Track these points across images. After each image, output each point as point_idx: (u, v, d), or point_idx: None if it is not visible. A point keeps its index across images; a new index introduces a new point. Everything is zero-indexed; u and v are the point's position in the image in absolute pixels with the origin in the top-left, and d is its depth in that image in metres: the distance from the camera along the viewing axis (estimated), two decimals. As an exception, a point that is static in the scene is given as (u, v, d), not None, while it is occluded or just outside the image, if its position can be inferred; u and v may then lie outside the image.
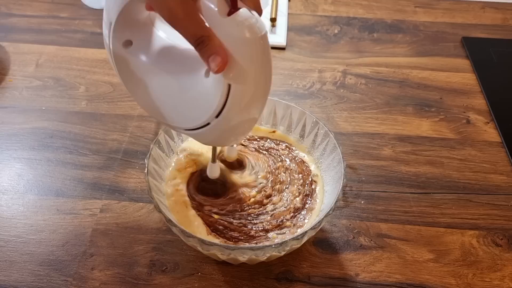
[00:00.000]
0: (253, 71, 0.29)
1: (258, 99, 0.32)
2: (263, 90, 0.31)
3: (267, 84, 0.31)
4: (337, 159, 0.40)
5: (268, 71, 0.30)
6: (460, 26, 0.72)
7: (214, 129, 0.33)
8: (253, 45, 0.28)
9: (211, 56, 0.28)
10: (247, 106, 0.31)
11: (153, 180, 0.40)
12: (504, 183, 0.49)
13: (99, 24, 0.70)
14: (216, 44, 0.28)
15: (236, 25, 0.28)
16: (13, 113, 0.56)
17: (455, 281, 0.41)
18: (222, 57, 0.28)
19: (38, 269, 0.41)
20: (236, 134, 0.35)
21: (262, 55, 0.29)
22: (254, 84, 0.30)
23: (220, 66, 0.28)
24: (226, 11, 0.28)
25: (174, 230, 0.36)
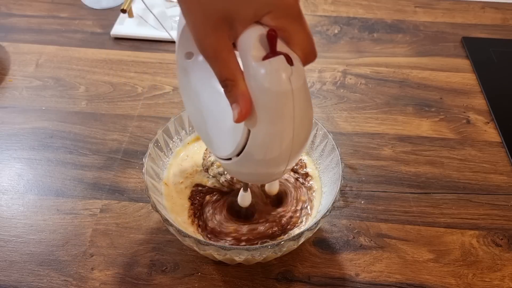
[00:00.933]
0: (277, 124, 0.27)
1: (282, 152, 0.29)
2: (289, 145, 0.28)
3: (297, 140, 0.28)
4: (336, 160, 0.40)
5: (298, 127, 0.28)
6: (460, 26, 0.72)
7: (236, 166, 0.32)
8: (278, 98, 0.26)
9: (233, 103, 0.26)
10: (267, 156, 0.29)
11: (151, 180, 0.40)
12: (504, 183, 0.49)
13: (99, 24, 0.70)
14: (239, 92, 0.26)
15: (265, 73, 0.25)
16: (13, 113, 0.56)
17: (455, 281, 0.41)
18: (243, 108, 0.26)
19: (38, 269, 0.41)
20: (260, 178, 0.33)
21: (289, 110, 0.26)
22: (277, 137, 0.28)
23: (239, 118, 0.26)
24: (261, 55, 0.25)
25: (171, 229, 0.36)
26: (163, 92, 0.59)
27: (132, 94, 0.59)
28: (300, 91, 0.26)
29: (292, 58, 0.26)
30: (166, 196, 0.42)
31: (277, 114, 0.27)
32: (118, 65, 0.63)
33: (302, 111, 0.27)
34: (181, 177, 0.43)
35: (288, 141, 0.28)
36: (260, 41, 0.26)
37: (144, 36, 0.67)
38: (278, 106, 0.26)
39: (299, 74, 0.26)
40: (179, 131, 0.45)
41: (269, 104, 0.26)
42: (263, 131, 0.27)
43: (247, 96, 0.26)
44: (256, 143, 0.28)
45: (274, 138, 0.28)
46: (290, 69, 0.26)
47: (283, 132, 0.28)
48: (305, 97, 0.27)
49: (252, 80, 0.26)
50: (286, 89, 0.26)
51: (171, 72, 0.62)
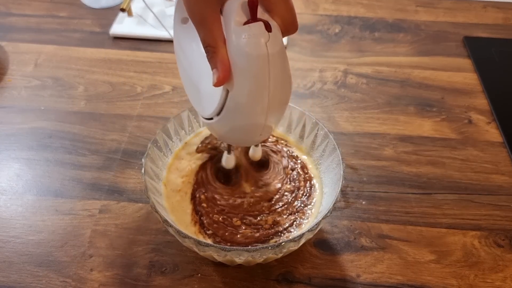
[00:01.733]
0: (252, 86, 0.29)
1: (258, 113, 0.31)
2: (264, 106, 0.30)
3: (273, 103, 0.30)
4: (336, 160, 0.40)
5: (274, 90, 0.30)
6: (462, 26, 0.72)
7: (217, 126, 0.34)
8: (254, 61, 0.28)
9: (213, 69, 0.29)
10: (243, 116, 0.31)
11: (150, 180, 0.39)
12: (506, 183, 0.49)
13: (98, 23, 0.70)
14: (219, 58, 0.28)
15: (243, 37, 0.27)
16: (12, 113, 0.56)
17: (457, 282, 0.41)
18: (221, 74, 0.28)
19: (37, 270, 0.41)
20: (239, 139, 0.35)
21: (264, 73, 0.28)
22: (253, 99, 0.30)
23: (217, 81, 0.28)
24: (243, 21, 0.28)
25: (171, 230, 0.35)
26: (163, 92, 0.59)
27: (131, 94, 0.59)
28: (275, 57, 0.28)
29: (271, 25, 0.28)
30: (166, 196, 0.41)
31: (253, 76, 0.29)
32: (117, 64, 0.63)
33: (277, 76, 0.29)
34: (180, 177, 0.43)
35: (263, 102, 0.30)
36: (242, 8, 0.28)
37: (144, 36, 0.67)
38: (254, 69, 0.28)
39: (276, 40, 0.28)
40: (179, 131, 0.45)
41: (246, 67, 0.28)
42: (239, 92, 0.29)
43: (226, 63, 0.28)
44: (233, 103, 0.30)
45: (250, 99, 0.30)
46: (268, 35, 0.28)
47: (258, 94, 0.30)
48: (281, 63, 0.29)
49: (232, 43, 0.28)
50: (263, 53, 0.28)
51: (171, 71, 0.62)
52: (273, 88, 0.29)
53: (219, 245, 0.34)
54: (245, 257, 0.35)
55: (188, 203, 0.41)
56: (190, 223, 0.40)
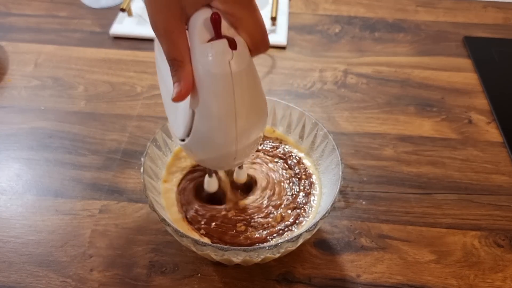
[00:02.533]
0: (217, 106, 0.28)
1: (226, 135, 0.30)
2: (232, 128, 0.29)
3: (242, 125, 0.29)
4: (336, 161, 0.40)
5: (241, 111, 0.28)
6: (462, 26, 0.72)
7: (189, 148, 0.33)
8: (216, 80, 0.27)
9: (175, 82, 0.27)
10: (212, 137, 0.30)
11: (149, 179, 0.39)
12: (506, 183, 0.49)
13: (98, 23, 0.70)
14: (184, 73, 0.27)
15: (205, 56, 0.26)
16: (12, 113, 0.56)
17: (457, 282, 0.41)
18: (183, 89, 0.27)
19: (37, 270, 0.41)
20: (215, 161, 0.34)
21: (229, 93, 0.27)
22: (219, 120, 0.29)
23: (176, 96, 0.27)
24: (207, 38, 0.26)
25: (169, 229, 0.35)
26: (163, 92, 0.59)
27: (131, 94, 0.59)
28: (241, 76, 0.27)
29: (237, 43, 0.27)
30: (165, 195, 0.41)
31: (216, 96, 0.28)
32: (117, 64, 0.63)
33: (244, 95, 0.28)
34: (180, 177, 0.43)
35: (230, 123, 0.29)
36: (207, 23, 0.26)
37: (144, 35, 0.67)
38: (217, 88, 0.27)
39: (241, 59, 0.27)
40: (179, 131, 0.45)
41: (209, 86, 0.27)
42: (204, 112, 0.29)
43: (189, 77, 0.27)
44: (200, 124, 0.29)
45: (215, 120, 0.29)
46: (231, 53, 0.26)
47: (224, 114, 0.28)
48: (247, 82, 0.28)
49: (195, 61, 0.27)
50: (225, 72, 0.27)
51: (171, 71, 0.62)
52: (240, 108, 0.28)
53: (216, 245, 0.34)
54: (243, 257, 0.35)
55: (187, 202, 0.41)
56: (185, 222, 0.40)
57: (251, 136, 0.31)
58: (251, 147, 0.33)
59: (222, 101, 0.28)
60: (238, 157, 0.32)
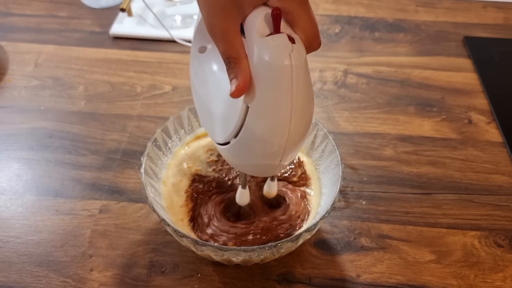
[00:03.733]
0: (275, 98, 0.27)
1: (279, 132, 0.29)
2: (286, 124, 0.28)
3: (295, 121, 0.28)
4: (336, 161, 0.40)
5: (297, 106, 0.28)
6: (462, 26, 0.72)
7: (233, 150, 0.32)
8: (277, 72, 0.27)
9: (233, 79, 0.28)
10: (264, 134, 0.29)
11: (149, 179, 0.39)
12: (506, 183, 0.49)
13: (98, 23, 0.70)
14: (240, 68, 0.27)
15: (266, 48, 0.26)
16: (12, 113, 0.56)
17: (457, 282, 0.41)
18: (241, 83, 0.27)
19: (37, 270, 0.41)
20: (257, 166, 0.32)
21: (288, 85, 0.27)
22: (274, 114, 0.28)
23: (235, 91, 0.27)
24: (266, 33, 0.27)
25: (168, 229, 0.35)
26: (163, 92, 0.59)
27: (131, 94, 0.59)
28: (299, 69, 0.27)
29: (294, 38, 0.27)
30: (165, 196, 0.41)
31: (276, 88, 0.27)
32: (117, 64, 0.63)
33: (300, 90, 0.28)
34: (179, 177, 0.43)
35: (285, 120, 0.28)
36: (265, 20, 0.27)
37: (144, 36, 0.67)
38: (277, 80, 0.27)
39: (300, 53, 0.27)
40: (178, 130, 0.45)
41: (268, 78, 0.27)
42: (260, 107, 0.28)
43: (247, 72, 0.27)
44: (254, 119, 0.29)
45: (271, 115, 0.28)
46: (292, 46, 0.27)
47: (280, 108, 0.28)
48: (304, 77, 0.28)
49: (254, 55, 0.27)
50: (286, 64, 0.26)
51: (171, 71, 0.62)
52: (296, 104, 0.28)
53: (216, 245, 0.34)
54: (242, 257, 0.35)
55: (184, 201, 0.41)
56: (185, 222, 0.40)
57: (300, 137, 0.31)
58: (297, 150, 0.32)
59: (280, 93, 0.27)
60: (284, 159, 0.31)
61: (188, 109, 0.45)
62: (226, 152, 0.33)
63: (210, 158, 0.45)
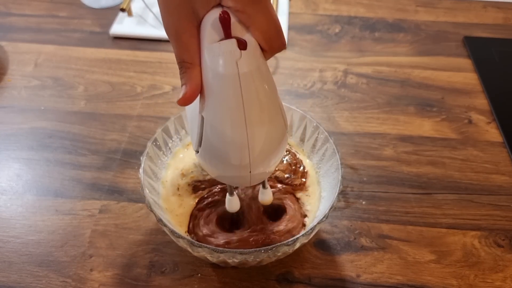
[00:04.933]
0: (224, 109, 0.26)
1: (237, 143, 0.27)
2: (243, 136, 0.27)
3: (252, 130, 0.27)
4: (336, 165, 0.39)
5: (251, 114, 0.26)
6: (462, 26, 0.72)
7: (202, 158, 0.31)
8: (223, 81, 0.26)
9: (183, 85, 0.26)
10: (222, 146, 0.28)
11: (148, 179, 0.39)
12: (506, 183, 0.49)
13: (98, 23, 0.70)
14: (191, 75, 0.26)
15: (212, 56, 0.25)
16: (12, 113, 0.56)
17: (457, 282, 0.41)
18: (189, 92, 0.26)
19: (37, 270, 0.41)
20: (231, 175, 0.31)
21: (236, 95, 0.26)
22: (227, 124, 0.27)
23: (181, 100, 0.26)
24: (216, 39, 0.25)
25: (165, 230, 0.35)
26: (163, 92, 0.59)
27: (131, 94, 0.59)
28: (249, 77, 0.26)
29: (248, 43, 0.26)
30: (164, 196, 0.41)
31: (223, 98, 0.26)
32: (117, 64, 0.63)
33: (254, 100, 0.26)
34: (179, 178, 0.43)
35: (240, 130, 0.27)
36: (216, 24, 0.25)
37: (144, 36, 0.67)
38: (224, 89, 0.26)
39: (250, 59, 0.26)
40: (179, 130, 0.45)
41: (216, 88, 0.26)
42: (213, 116, 0.27)
43: (196, 79, 0.26)
44: (209, 130, 0.28)
45: (224, 124, 0.27)
46: (240, 53, 0.25)
47: (232, 119, 0.27)
48: (258, 85, 0.26)
49: (204, 62, 0.26)
50: (232, 73, 0.25)
51: (171, 71, 0.62)
52: (250, 113, 0.26)
53: (212, 247, 0.34)
54: (239, 259, 0.34)
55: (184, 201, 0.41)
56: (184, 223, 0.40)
57: (267, 148, 0.29)
58: (269, 160, 0.30)
59: (229, 104, 0.26)
60: (253, 171, 0.29)
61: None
62: (199, 160, 0.32)
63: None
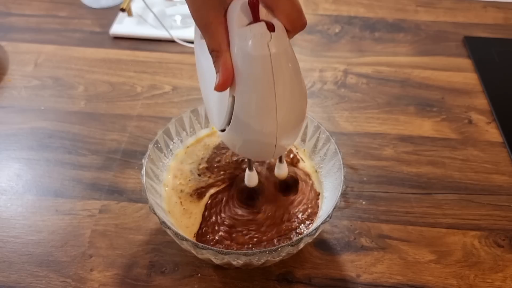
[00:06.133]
0: (256, 89, 0.28)
1: (266, 120, 0.29)
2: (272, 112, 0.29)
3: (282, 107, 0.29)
4: (337, 165, 0.39)
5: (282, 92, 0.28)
6: (462, 26, 0.72)
7: (230, 137, 0.33)
8: (256, 62, 0.27)
9: (217, 72, 0.28)
10: (252, 123, 0.30)
11: (150, 181, 0.39)
12: (506, 183, 0.49)
13: (98, 23, 0.70)
14: (222, 62, 0.28)
15: (244, 39, 0.27)
16: (12, 113, 0.56)
17: (457, 282, 0.41)
18: (222, 78, 0.28)
19: (37, 270, 0.41)
20: (256, 150, 0.33)
21: (268, 75, 0.27)
22: (258, 103, 0.29)
23: (217, 86, 0.28)
24: (245, 23, 0.27)
25: (169, 232, 0.35)
26: (163, 92, 0.59)
27: (131, 94, 0.59)
28: (279, 57, 0.27)
29: (275, 25, 0.27)
30: (166, 198, 0.41)
31: (256, 79, 0.28)
32: (117, 64, 0.63)
33: (283, 78, 0.28)
34: (181, 179, 0.43)
35: (270, 107, 0.29)
36: (245, 9, 0.27)
37: (144, 36, 0.67)
38: (257, 70, 0.27)
39: (280, 41, 0.27)
40: (180, 132, 0.45)
41: (248, 69, 0.28)
42: (244, 97, 0.29)
43: (229, 66, 0.28)
44: (240, 109, 0.29)
45: (255, 103, 0.29)
46: (270, 35, 0.27)
47: (263, 97, 0.28)
48: (286, 64, 0.28)
49: (234, 46, 0.27)
50: (264, 54, 0.27)
51: (171, 71, 0.62)
52: (280, 91, 0.28)
53: (216, 248, 0.34)
54: (243, 261, 0.35)
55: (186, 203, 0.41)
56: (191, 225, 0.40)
57: (292, 123, 0.31)
58: (292, 134, 0.32)
59: (262, 84, 0.28)
60: (278, 144, 0.31)
61: (190, 111, 0.44)
62: (224, 138, 0.34)
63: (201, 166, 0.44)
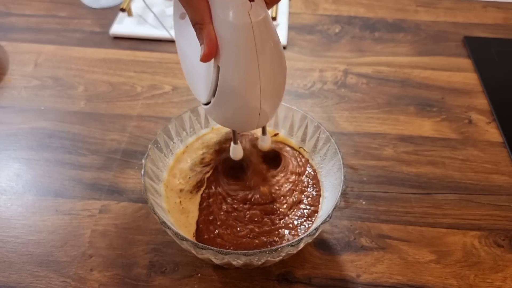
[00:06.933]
0: (239, 57, 0.29)
1: (251, 87, 0.31)
2: (255, 80, 0.30)
3: (265, 75, 0.30)
4: (338, 165, 0.40)
5: (263, 60, 0.29)
6: (462, 26, 0.72)
7: (215, 109, 0.34)
8: (238, 31, 0.28)
9: (201, 44, 0.29)
10: (238, 92, 0.31)
11: (150, 181, 0.39)
12: (506, 183, 0.49)
13: (98, 23, 0.70)
14: (206, 33, 0.29)
15: (225, 9, 0.28)
16: (12, 113, 0.56)
17: (457, 282, 0.41)
18: (207, 49, 0.29)
19: (37, 270, 0.41)
20: (240, 120, 0.35)
21: (250, 42, 0.29)
22: (242, 71, 0.30)
23: (202, 57, 0.29)
24: None
25: (169, 232, 0.35)
26: (163, 92, 0.59)
27: (131, 94, 0.59)
28: (260, 25, 0.28)
29: None
30: (166, 198, 0.41)
31: (239, 47, 0.29)
32: (117, 64, 0.63)
33: (264, 45, 0.29)
34: (180, 179, 0.43)
35: (253, 73, 0.30)
36: None
37: (144, 36, 0.67)
38: (239, 38, 0.29)
39: (259, 9, 0.29)
40: (180, 132, 0.45)
41: (231, 38, 0.29)
42: (228, 65, 0.30)
43: (212, 37, 0.29)
44: (225, 79, 0.31)
45: (239, 71, 0.30)
46: (250, 4, 0.28)
47: (246, 64, 0.30)
48: (266, 31, 0.29)
49: (216, 17, 0.28)
50: (245, 22, 0.28)
51: (171, 71, 0.62)
52: (262, 57, 0.29)
53: (216, 248, 0.34)
54: (243, 261, 0.35)
55: (186, 203, 0.41)
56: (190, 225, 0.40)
57: (274, 89, 0.32)
58: (274, 101, 0.34)
59: (245, 51, 0.29)
60: (262, 111, 0.33)
61: (190, 110, 0.45)
62: (209, 110, 0.35)
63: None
